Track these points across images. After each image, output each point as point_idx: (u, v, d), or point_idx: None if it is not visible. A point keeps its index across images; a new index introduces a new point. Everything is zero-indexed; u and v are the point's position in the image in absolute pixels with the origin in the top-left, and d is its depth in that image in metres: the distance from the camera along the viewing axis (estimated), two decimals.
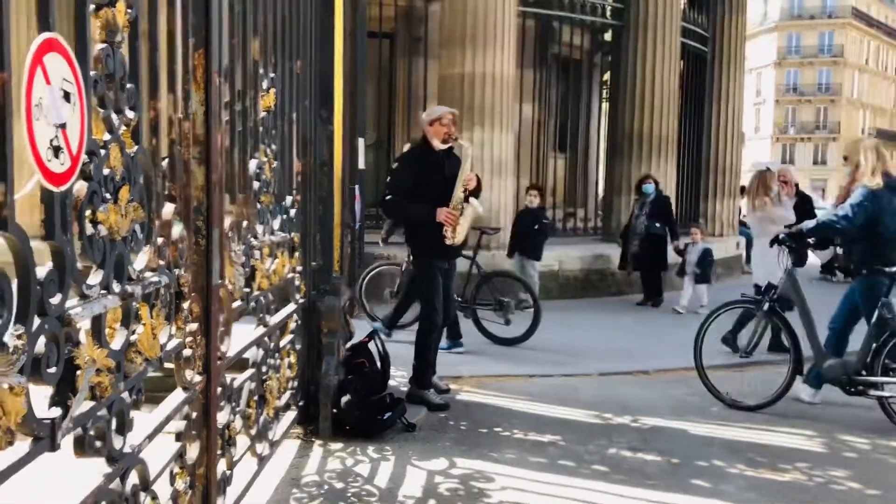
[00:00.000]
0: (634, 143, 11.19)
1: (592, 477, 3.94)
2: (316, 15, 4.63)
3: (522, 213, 8.92)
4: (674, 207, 10.54)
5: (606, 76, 13.46)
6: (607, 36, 12.34)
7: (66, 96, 1.57)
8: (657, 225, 9.38)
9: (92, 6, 1.77)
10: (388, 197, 5.12)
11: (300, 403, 4.52)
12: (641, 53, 11.06)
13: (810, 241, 5.71)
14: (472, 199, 5.24)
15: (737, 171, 13.79)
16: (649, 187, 9.64)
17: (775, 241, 5.40)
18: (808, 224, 5.56)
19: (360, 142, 8.19)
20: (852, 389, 4.93)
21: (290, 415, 4.36)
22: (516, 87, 10.24)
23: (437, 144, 5.20)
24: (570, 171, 12.42)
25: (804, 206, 9.25)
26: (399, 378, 5.47)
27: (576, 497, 3.67)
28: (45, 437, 1.54)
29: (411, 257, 5.54)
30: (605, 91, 13.89)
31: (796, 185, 9.30)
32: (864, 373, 4.86)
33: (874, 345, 4.83)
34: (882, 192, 5.01)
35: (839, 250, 7.28)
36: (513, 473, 3.97)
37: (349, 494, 3.65)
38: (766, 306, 5.40)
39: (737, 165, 13.77)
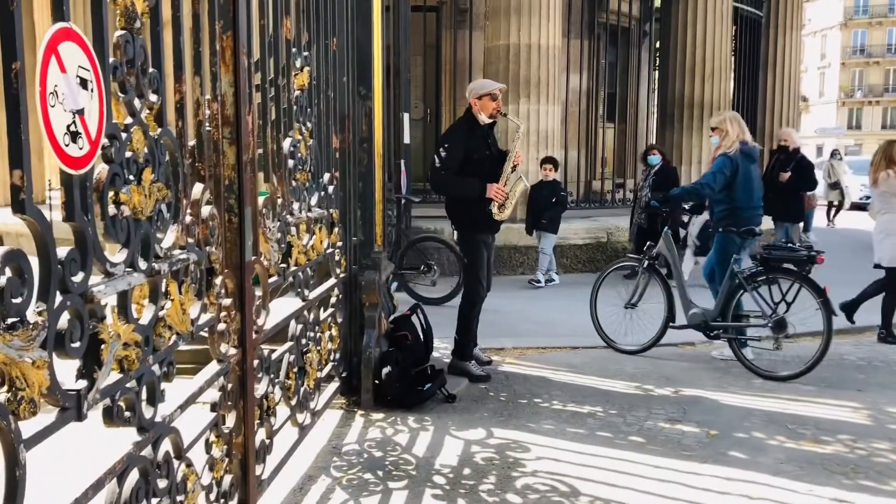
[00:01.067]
0: (685, 111, 10.96)
1: (628, 448, 3.95)
2: None
3: (537, 187, 8.75)
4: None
5: (657, 44, 13.18)
6: (657, 2, 12.07)
7: (84, 83, 1.65)
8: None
9: None
10: (441, 172, 5.09)
11: (343, 375, 4.64)
12: (692, 19, 10.79)
13: (685, 206, 6.92)
14: (519, 174, 5.29)
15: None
16: (654, 158, 9.28)
17: (647, 206, 6.23)
18: (675, 190, 6.45)
19: (405, 117, 8.27)
20: (711, 333, 5.68)
21: (333, 386, 4.48)
22: (563, 58, 10.12)
23: (484, 119, 5.18)
24: (620, 142, 12.25)
25: (803, 172, 9.00)
26: (442, 350, 5.54)
27: (609, 467, 3.69)
28: (71, 408, 1.64)
29: (456, 231, 5.56)
30: (655, 59, 13.62)
31: (797, 150, 9.06)
32: (718, 319, 5.59)
33: (728, 294, 5.54)
34: (738, 158, 5.68)
35: None
36: (549, 444, 4.01)
37: (387, 463, 3.74)
38: (645, 264, 6.03)
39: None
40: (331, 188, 4.26)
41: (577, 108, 11.58)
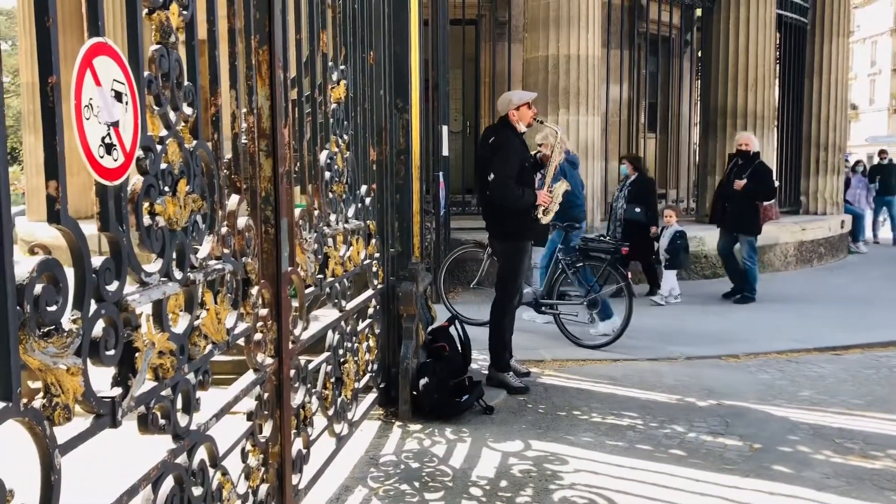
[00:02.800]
0: (728, 120, 10.82)
1: (668, 461, 3.89)
2: (389, 6, 4.71)
3: None
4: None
5: (699, 53, 13.04)
6: (698, 11, 11.95)
7: (118, 96, 1.69)
8: (637, 210, 8.48)
9: (144, 10, 1.89)
10: (507, 182, 5.10)
11: (381, 385, 4.65)
12: (734, 28, 10.66)
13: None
14: (559, 177, 5.41)
15: (841, 145, 13.11)
16: (623, 169, 8.91)
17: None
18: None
19: (444, 129, 8.30)
20: (540, 309, 6.71)
21: (371, 397, 4.49)
22: (603, 68, 10.07)
23: (522, 128, 5.26)
24: (661, 152, 12.12)
25: (759, 179, 8.29)
26: (481, 362, 5.53)
27: (649, 481, 3.63)
28: (105, 415, 1.67)
29: (497, 240, 5.54)
30: (698, 69, 13.47)
31: (756, 154, 8.42)
32: (546, 297, 6.66)
33: (553, 277, 6.71)
34: (565, 166, 6.70)
35: None
36: (587, 456, 3.96)
37: (424, 474, 3.74)
38: (489, 250, 6.97)
39: (841, 140, 13.09)
40: (368, 200, 4.30)
41: (617, 119, 11.50)
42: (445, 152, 8.33)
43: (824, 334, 6.70)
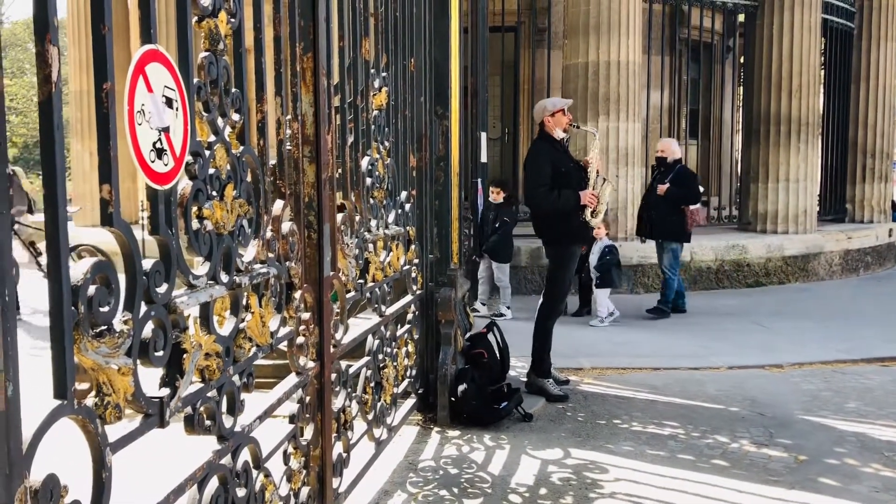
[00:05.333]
0: (772, 126, 10.64)
1: (711, 471, 3.83)
2: (430, 14, 4.74)
3: (485, 208, 7.97)
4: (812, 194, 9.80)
5: (741, 59, 12.88)
6: (741, 17, 11.80)
7: (169, 102, 1.72)
8: None
9: (194, 18, 1.92)
10: (539, 189, 5.10)
11: (419, 391, 4.66)
12: (778, 33, 10.50)
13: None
14: (604, 177, 5.38)
15: (889, 152, 12.83)
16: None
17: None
18: None
19: (483, 136, 8.30)
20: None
21: (409, 402, 4.51)
22: (643, 74, 10.00)
23: (559, 133, 5.25)
24: (703, 159, 11.99)
25: (683, 183, 7.96)
26: (519, 369, 5.51)
27: (691, 491, 3.58)
28: (154, 415, 1.70)
29: (546, 245, 5.53)
30: (740, 75, 13.31)
31: (677, 161, 8.10)
32: None
33: None
34: None
35: None
36: (628, 465, 3.92)
37: (462, 480, 3.73)
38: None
39: (889, 147, 12.81)
40: (408, 206, 4.32)
41: (658, 125, 11.41)
42: (484, 159, 8.33)
43: (872, 345, 6.55)
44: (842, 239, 10.97)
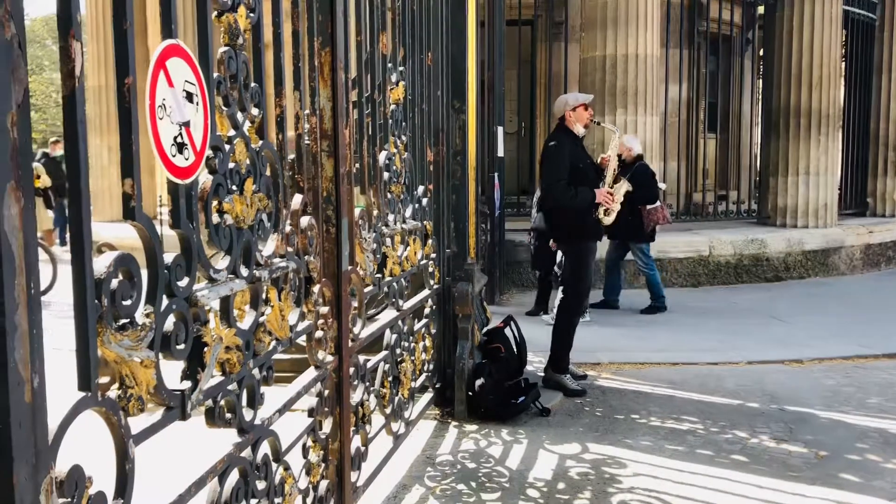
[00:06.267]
0: (792, 120, 10.54)
1: (730, 466, 3.81)
2: (447, 8, 4.73)
3: None
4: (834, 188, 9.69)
5: (761, 52, 12.77)
6: (760, 9, 11.69)
7: (189, 97, 1.73)
8: (544, 220, 7.19)
9: (214, 12, 1.93)
10: (557, 184, 5.09)
11: (436, 385, 4.67)
12: (798, 25, 10.38)
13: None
14: (620, 178, 5.37)
15: None
16: None
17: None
18: None
19: (500, 130, 8.30)
20: None
21: (427, 396, 4.51)
22: (661, 68, 9.94)
23: (580, 130, 5.24)
24: (722, 152, 11.91)
25: (640, 181, 7.36)
26: (536, 364, 5.50)
27: (710, 486, 3.57)
28: (175, 407, 1.71)
29: (561, 242, 5.50)
30: (759, 68, 13.19)
31: (637, 157, 7.80)
32: None
33: None
34: None
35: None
36: (646, 460, 3.91)
37: (480, 474, 3.74)
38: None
39: None
40: (425, 200, 4.32)
41: (676, 119, 11.34)
42: (501, 153, 8.33)
43: (894, 340, 6.48)
44: (863, 233, 10.86)
